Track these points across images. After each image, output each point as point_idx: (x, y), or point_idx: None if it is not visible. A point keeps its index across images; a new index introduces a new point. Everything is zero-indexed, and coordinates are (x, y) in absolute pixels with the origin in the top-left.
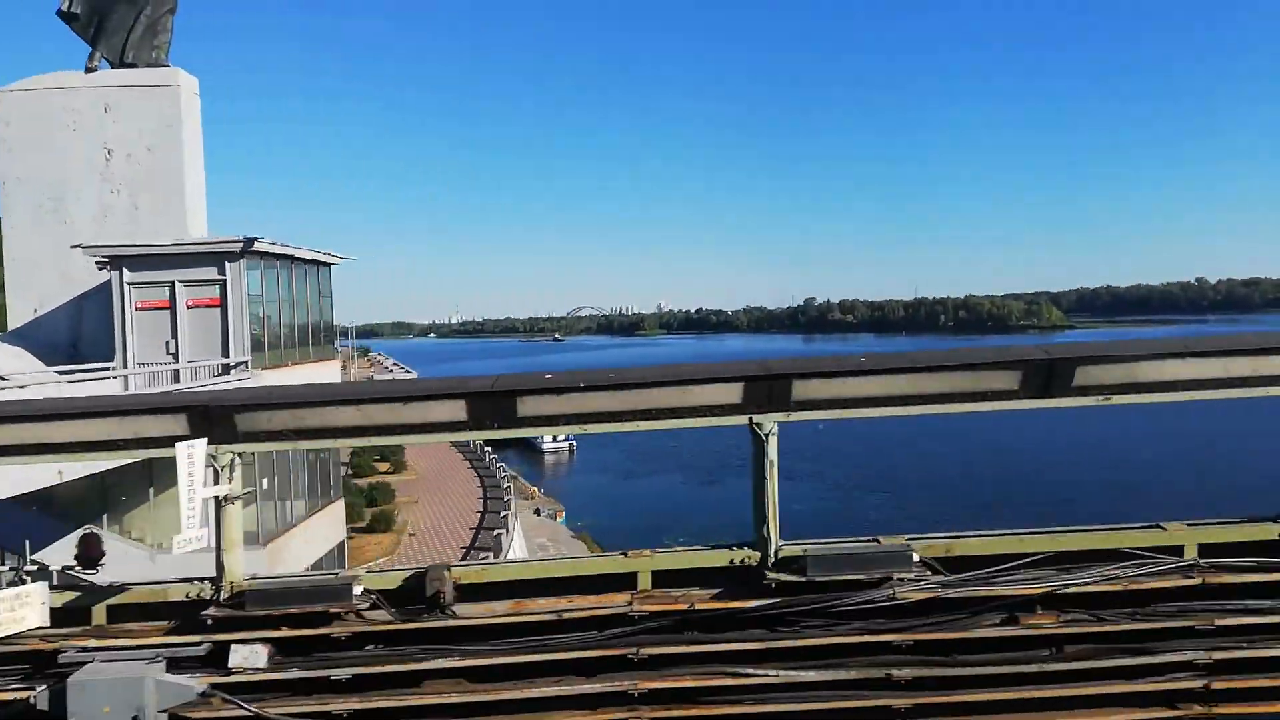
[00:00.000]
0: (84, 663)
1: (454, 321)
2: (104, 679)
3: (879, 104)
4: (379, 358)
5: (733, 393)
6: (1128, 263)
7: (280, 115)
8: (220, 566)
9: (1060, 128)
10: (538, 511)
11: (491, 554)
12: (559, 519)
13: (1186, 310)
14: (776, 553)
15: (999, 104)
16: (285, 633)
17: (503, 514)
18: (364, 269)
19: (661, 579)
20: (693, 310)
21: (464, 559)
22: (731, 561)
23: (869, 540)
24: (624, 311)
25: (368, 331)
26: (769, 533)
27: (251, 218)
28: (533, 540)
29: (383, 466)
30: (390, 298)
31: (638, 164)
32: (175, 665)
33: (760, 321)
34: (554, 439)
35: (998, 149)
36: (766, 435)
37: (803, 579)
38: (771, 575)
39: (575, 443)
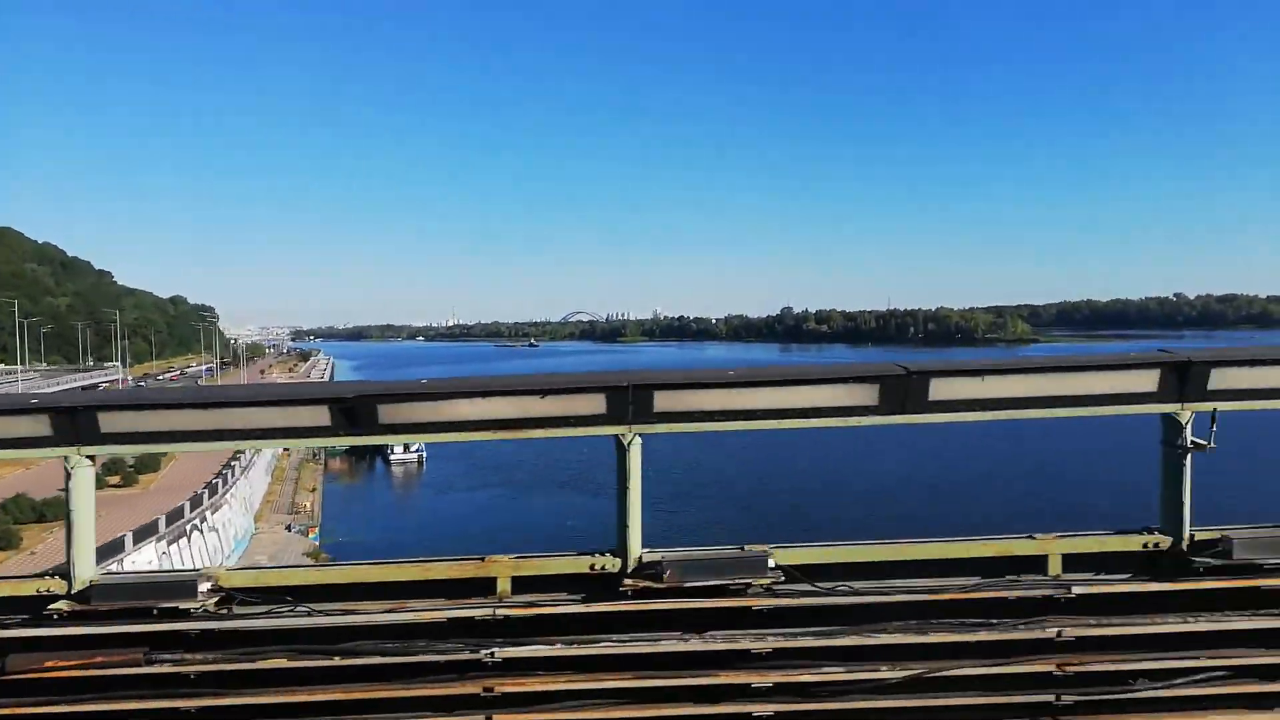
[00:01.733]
0: None
1: (451, 324)
2: None
3: (888, 111)
4: (320, 361)
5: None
6: (1112, 277)
7: (278, 117)
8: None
9: (1051, 141)
10: (289, 527)
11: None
12: (311, 535)
13: (1163, 325)
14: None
15: (996, 117)
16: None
17: (119, 535)
18: (363, 271)
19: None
20: (674, 318)
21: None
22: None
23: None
24: (620, 317)
25: (357, 333)
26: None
27: (251, 219)
28: (251, 557)
29: (113, 479)
30: (392, 300)
31: (637, 170)
32: None
33: (739, 330)
34: (404, 449)
35: (989, 159)
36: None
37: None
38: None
39: (425, 454)
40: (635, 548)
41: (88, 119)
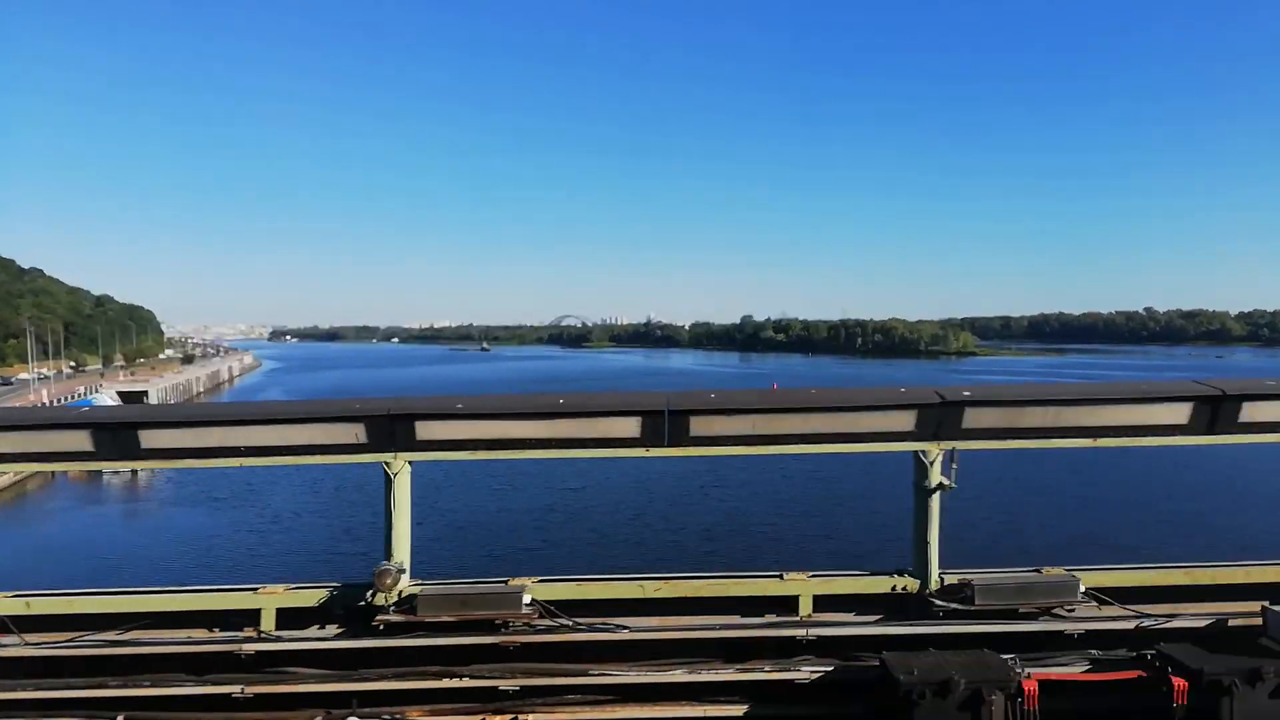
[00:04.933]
0: None
1: (422, 327)
2: None
3: (899, 114)
4: (215, 364)
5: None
6: (1093, 289)
7: (277, 118)
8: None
9: (1042, 150)
10: None
11: None
12: None
13: (1129, 340)
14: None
15: (1000, 129)
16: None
17: None
18: (358, 274)
19: None
20: (642, 324)
21: None
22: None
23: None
24: (615, 322)
25: (332, 334)
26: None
27: (248, 222)
28: None
29: None
30: (381, 302)
31: (636, 173)
32: None
33: (701, 337)
34: None
35: (975, 171)
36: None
37: None
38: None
39: (136, 471)
40: None
41: (80, 124)
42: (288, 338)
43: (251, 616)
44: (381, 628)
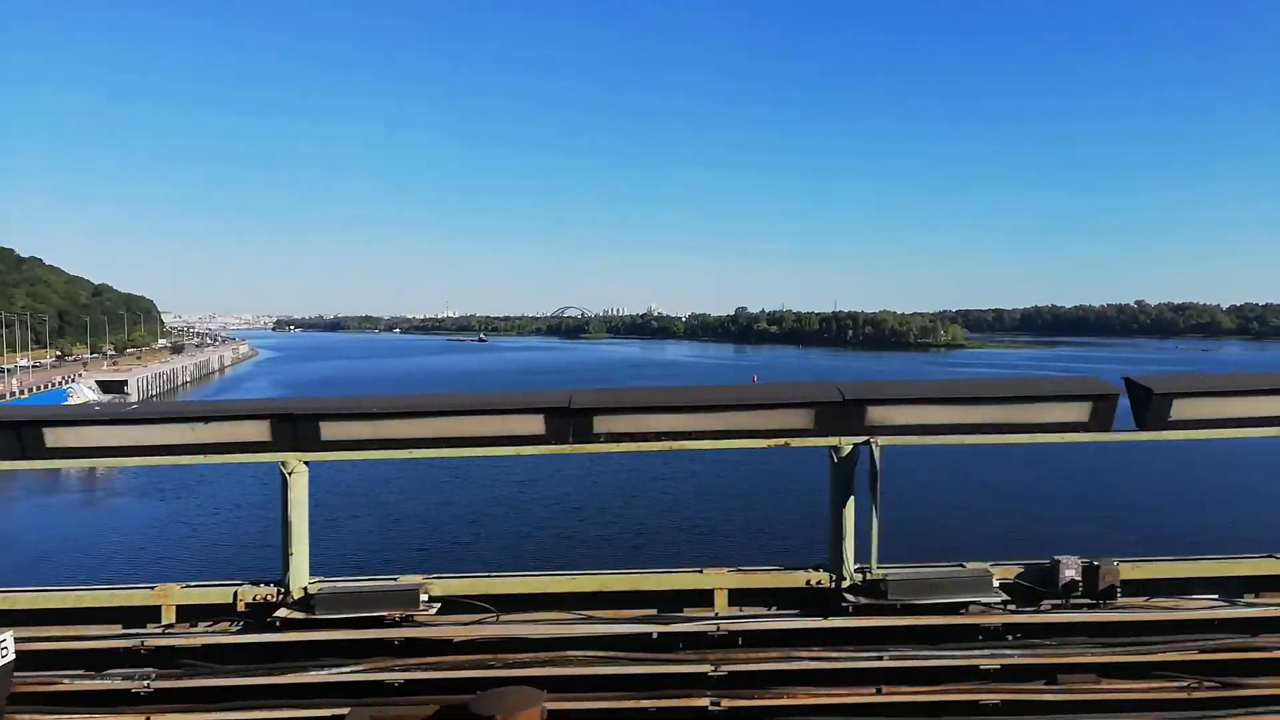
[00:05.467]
0: None
1: (424, 318)
2: None
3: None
4: (230, 343)
5: None
6: (1086, 282)
7: (277, 114)
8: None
9: (1038, 144)
10: None
11: None
12: None
13: (1119, 333)
14: None
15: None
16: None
17: None
18: (362, 265)
19: None
20: (640, 315)
21: None
22: None
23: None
24: (614, 313)
25: (336, 324)
26: None
27: (260, 214)
28: None
29: None
30: (388, 293)
31: (637, 170)
32: None
33: (696, 329)
34: None
35: (971, 164)
36: None
37: None
38: None
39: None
40: None
41: (87, 117)
42: (292, 328)
43: None
44: None
